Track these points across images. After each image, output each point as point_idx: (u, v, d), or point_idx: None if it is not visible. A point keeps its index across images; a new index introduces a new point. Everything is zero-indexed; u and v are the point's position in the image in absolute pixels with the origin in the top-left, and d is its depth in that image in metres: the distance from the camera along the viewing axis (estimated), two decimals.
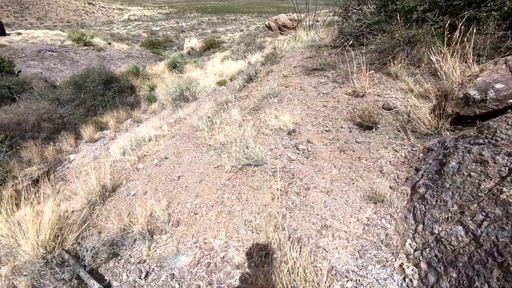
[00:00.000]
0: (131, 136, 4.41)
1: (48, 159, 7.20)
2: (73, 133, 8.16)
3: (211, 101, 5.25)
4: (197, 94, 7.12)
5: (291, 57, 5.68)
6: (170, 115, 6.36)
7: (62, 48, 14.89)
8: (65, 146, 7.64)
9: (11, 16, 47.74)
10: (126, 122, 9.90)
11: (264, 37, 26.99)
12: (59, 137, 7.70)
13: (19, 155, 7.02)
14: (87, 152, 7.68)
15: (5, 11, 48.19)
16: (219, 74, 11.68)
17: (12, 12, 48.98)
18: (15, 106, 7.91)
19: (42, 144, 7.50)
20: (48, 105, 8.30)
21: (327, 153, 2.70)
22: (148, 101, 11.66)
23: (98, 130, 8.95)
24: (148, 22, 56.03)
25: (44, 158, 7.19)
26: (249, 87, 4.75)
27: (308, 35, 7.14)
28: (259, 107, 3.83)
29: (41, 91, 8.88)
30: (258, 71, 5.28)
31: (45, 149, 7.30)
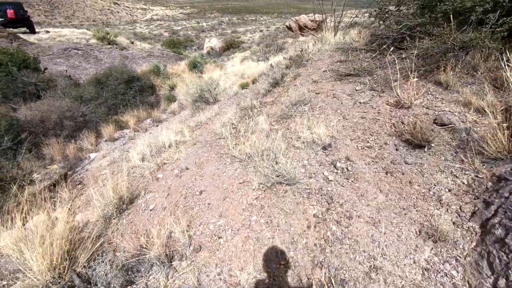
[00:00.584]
0: (150, 141, 4.19)
1: (69, 157, 7.17)
2: (94, 131, 8.11)
3: (233, 105, 4.96)
4: (218, 96, 6.86)
5: (319, 60, 5.30)
6: (191, 118, 6.13)
7: (87, 46, 15.09)
8: (86, 144, 7.59)
9: (42, 15, 49.58)
10: (145, 122, 9.82)
11: (285, 38, 26.56)
12: (80, 135, 7.66)
13: (41, 152, 7.02)
14: (107, 151, 7.60)
15: (36, 10, 50.10)
16: (239, 75, 11.41)
17: (43, 11, 50.87)
18: (39, 103, 7.93)
19: (64, 142, 7.49)
20: (71, 103, 8.29)
21: (371, 174, 2.33)
22: (168, 101, 11.56)
23: (118, 129, 8.88)
24: (170, 21, 56.77)
25: (65, 156, 7.16)
26: (275, 92, 4.42)
27: (336, 37, 6.72)
28: (288, 115, 3.49)
29: (64, 89, 8.91)
30: (284, 74, 4.94)
31: (66, 147, 7.28)
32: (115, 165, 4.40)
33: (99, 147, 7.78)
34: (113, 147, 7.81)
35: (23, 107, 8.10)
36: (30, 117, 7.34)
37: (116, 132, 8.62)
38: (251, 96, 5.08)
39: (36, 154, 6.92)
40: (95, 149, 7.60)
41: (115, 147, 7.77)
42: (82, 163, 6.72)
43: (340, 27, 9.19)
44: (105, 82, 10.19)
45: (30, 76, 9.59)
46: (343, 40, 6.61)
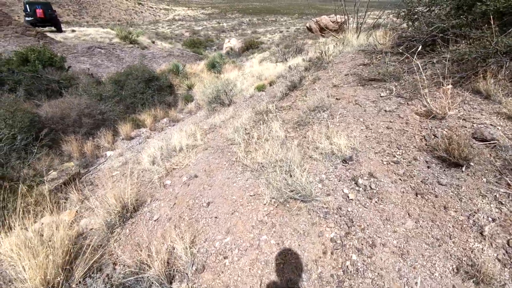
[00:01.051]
0: (162, 144, 4.05)
1: (86, 154, 7.22)
2: (111, 129, 8.15)
3: (248, 108, 4.75)
4: (234, 97, 6.68)
5: (340, 63, 4.99)
6: (205, 119, 5.98)
7: (110, 45, 15.39)
8: (103, 142, 7.63)
9: (71, 14, 51.54)
10: (162, 121, 9.81)
11: (304, 39, 26.13)
12: (98, 133, 7.72)
13: (60, 149, 7.11)
14: (123, 150, 7.60)
15: (66, 10, 52.13)
16: (257, 76, 11.21)
17: (72, 10, 52.87)
18: (60, 100, 8.06)
19: (82, 139, 7.56)
20: (90, 100, 8.38)
21: (398, 194, 2.04)
22: (185, 101, 11.54)
23: (135, 127, 8.91)
24: (191, 22, 57.50)
25: (83, 153, 7.21)
26: (293, 96, 4.16)
27: (358, 39, 6.37)
28: (306, 122, 3.24)
29: (85, 86, 9.04)
30: (302, 77, 4.67)
31: (84, 144, 7.33)
32: (126, 166, 4.30)
33: (115, 145, 7.80)
34: (129, 145, 7.81)
35: (45, 103, 8.28)
36: (51, 114, 7.46)
37: (133, 131, 8.64)
38: (267, 99, 4.85)
39: (55, 151, 7.02)
40: (112, 147, 7.62)
41: (131, 146, 7.77)
42: (97, 161, 6.73)
43: (362, 28, 8.80)
44: (125, 81, 10.27)
45: (54, 74, 9.82)
46: (366, 42, 6.26)
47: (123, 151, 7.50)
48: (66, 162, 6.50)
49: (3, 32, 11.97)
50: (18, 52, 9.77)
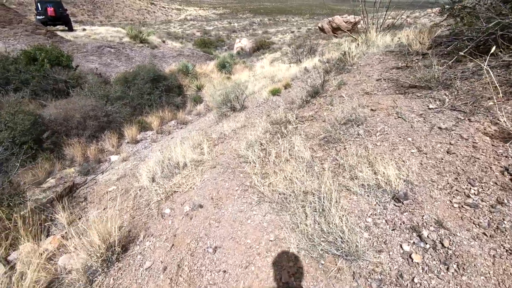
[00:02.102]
0: (163, 156, 3.48)
1: (89, 158, 6.76)
2: (116, 132, 7.68)
3: (263, 116, 4.14)
4: (246, 101, 6.08)
5: (367, 65, 4.33)
6: (214, 125, 5.40)
7: (120, 44, 15.00)
8: (108, 145, 7.16)
9: (85, 14, 51.88)
10: (170, 124, 9.30)
11: (317, 39, 25.31)
12: (102, 136, 7.25)
13: (62, 152, 6.67)
14: (127, 154, 7.11)
15: (80, 10, 52.50)
16: (269, 78, 10.58)
17: (86, 10, 53.23)
18: (64, 101, 7.62)
19: (85, 142, 7.11)
20: (96, 102, 7.92)
21: (487, 260, 1.40)
22: (194, 102, 11.01)
23: (142, 130, 8.42)
24: (203, 22, 57.21)
25: (86, 157, 6.75)
26: (315, 104, 3.53)
27: (383, 39, 5.67)
28: (335, 138, 2.60)
29: (91, 87, 8.59)
30: (325, 81, 4.03)
31: (88, 147, 6.87)
32: (124, 180, 3.75)
33: (120, 149, 7.32)
34: (134, 149, 7.32)
35: (51, 104, 7.87)
36: (55, 116, 7.01)
37: (139, 134, 8.15)
38: (284, 106, 4.22)
39: (57, 154, 6.57)
40: (116, 151, 7.14)
41: (136, 150, 7.28)
42: (98, 169, 6.25)
43: (381, 28, 8.08)
44: (132, 81, 9.80)
45: (61, 73, 9.42)
46: (394, 42, 5.56)
47: (128, 155, 7.01)
48: (66, 168, 6.04)
49: (13, 31, 11.67)
50: (26, 51, 9.40)
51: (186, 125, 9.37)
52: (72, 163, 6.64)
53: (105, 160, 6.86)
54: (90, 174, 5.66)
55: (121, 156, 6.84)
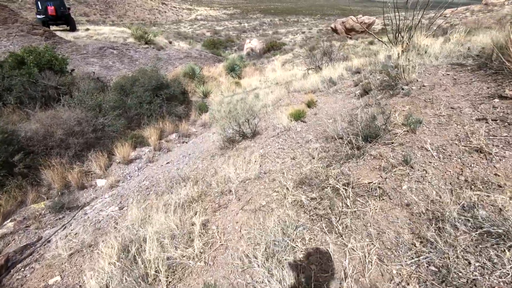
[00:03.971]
0: (132, 236, 2.19)
1: (71, 184, 5.59)
2: (106, 151, 6.49)
3: (286, 160, 2.82)
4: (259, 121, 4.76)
5: (435, 86, 2.95)
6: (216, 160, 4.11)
7: (124, 45, 13.86)
8: (95, 167, 5.97)
9: (97, 13, 51.36)
10: (170, 137, 8.06)
11: (330, 40, 23.73)
12: (89, 155, 6.06)
13: (39, 177, 5.51)
14: (117, 177, 5.92)
15: (93, 9, 52.03)
16: (283, 86, 9.23)
17: (98, 10, 52.73)
18: (48, 113, 6.44)
19: (68, 164, 5.94)
20: (85, 113, 6.72)
21: None
22: (199, 110, 9.75)
23: (138, 145, 7.20)
24: (213, 22, 56.03)
25: (66, 183, 5.59)
26: (375, 158, 2.15)
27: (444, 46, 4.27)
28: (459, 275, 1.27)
29: (83, 95, 7.40)
30: (387, 116, 2.64)
31: (70, 170, 5.70)
32: (79, 259, 2.48)
33: (109, 171, 6.12)
34: (125, 171, 6.11)
35: (36, 114, 6.73)
36: (32, 133, 5.84)
37: (133, 151, 6.94)
38: (316, 144, 2.88)
39: (32, 180, 5.41)
40: (105, 174, 5.95)
41: (127, 173, 6.07)
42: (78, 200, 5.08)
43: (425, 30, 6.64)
44: (131, 88, 8.59)
45: (51, 79, 8.28)
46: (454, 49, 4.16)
47: (118, 179, 5.81)
48: (32, 205, 4.86)
49: (6, 31, 10.61)
50: (14, 54, 8.28)
51: (189, 138, 8.13)
52: (49, 190, 5.47)
53: (90, 185, 5.68)
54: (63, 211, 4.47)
55: (109, 180, 5.65)
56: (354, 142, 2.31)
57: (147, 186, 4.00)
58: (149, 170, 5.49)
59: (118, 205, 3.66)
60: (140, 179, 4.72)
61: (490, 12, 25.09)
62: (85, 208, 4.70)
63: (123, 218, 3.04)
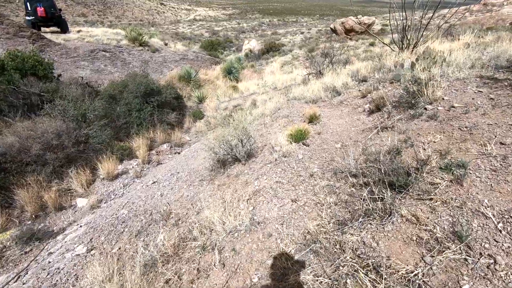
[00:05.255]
0: None
1: (47, 206, 5.01)
2: (89, 165, 5.91)
3: (286, 201, 2.24)
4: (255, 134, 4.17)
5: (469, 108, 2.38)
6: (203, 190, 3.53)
7: (117, 48, 13.22)
8: (75, 184, 5.38)
9: (96, 14, 50.61)
10: (162, 147, 7.47)
11: (330, 41, 23.10)
12: (70, 171, 5.47)
13: (11, 198, 4.93)
14: (101, 196, 5.35)
15: (91, 10, 51.30)
16: (283, 92, 8.63)
17: (96, 10, 51.98)
18: (25, 124, 5.84)
19: (46, 181, 5.36)
20: (67, 124, 6.12)
21: None
22: (193, 117, 9.16)
23: (126, 157, 6.61)
24: (212, 22, 55.32)
25: (42, 204, 5.02)
26: (409, 220, 1.56)
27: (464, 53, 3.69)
28: None
29: (64, 104, 6.78)
30: (422, 163, 2.04)
31: (47, 189, 5.13)
32: None
33: (92, 189, 5.53)
34: (110, 189, 5.53)
35: (17, 123, 6.13)
36: (5, 148, 5.24)
37: (120, 164, 6.35)
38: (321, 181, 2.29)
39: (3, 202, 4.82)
40: (86, 193, 5.36)
41: (112, 191, 5.50)
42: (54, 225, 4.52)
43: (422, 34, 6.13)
44: (120, 95, 7.99)
45: (34, 85, 7.67)
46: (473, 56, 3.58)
47: (100, 199, 5.23)
48: (16, 221, 4.30)
49: None
50: None
51: (183, 148, 7.54)
52: (22, 213, 4.88)
53: (70, 205, 5.08)
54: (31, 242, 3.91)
55: (91, 199, 5.08)
56: (374, 188, 1.72)
57: (123, 219, 3.41)
58: (133, 191, 4.90)
59: (87, 245, 3.07)
60: (120, 204, 4.13)
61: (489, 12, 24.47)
62: (57, 238, 4.12)
63: (87, 268, 2.46)
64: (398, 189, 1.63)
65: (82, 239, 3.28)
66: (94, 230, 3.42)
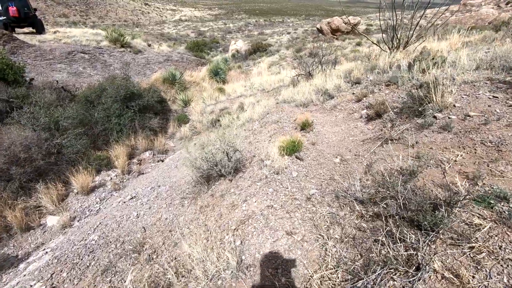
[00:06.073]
0: None
1: (12, 226, 4.46)
2: (61, 179, 5.36)
3: (279, 242, 1.84)
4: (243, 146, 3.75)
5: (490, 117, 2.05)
6: (186, 211, 3.09)
7: (96, 49, 12.47)
8: (45, 201, 4.81)
9: (77, 14, 48.76)
10: (144, 155, 6.92)
11: (317, 41, 22.89)
12: (39, 186, 4.90)
13: None
14: (74, 213, 4.83)
15: (73, 10, 49.40)
16: (272, 95, 8.23)
17: (78, 11, 50.10)
18: None
19: (12, 198, 4.79)
20: (37, 134, 5.52)
21: None
22: (178, 122, 8.63)
23: (104, 168, 6.05)
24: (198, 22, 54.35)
25: (7, 224, 4.46)
26: (447, 278, 1.18)
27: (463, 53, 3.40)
28: None
29: (34, 111, 6.15)
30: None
31: (13, 207, 4.57)
32: None
33: (65, 205, 4.98)
34: (84, 204, 4.99)
35: None
36: None
37: (98, 175, 5.80)
38: (321, 207, 1.91)
39: None
40: (58, 209, 4.79)
41: (87, 206, 4.97)
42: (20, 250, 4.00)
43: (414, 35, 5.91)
44: (98, 100, 7.39)
45: (2, 90, 6.99)
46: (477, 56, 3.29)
47: (73, 216, 4.71)
48: None
49: None
50: None
51: (167, 155, 7.03)
52: None
53: (38, 225, 4.52)
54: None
55: (62, 218, 4.52)
56: (391, 225, 1.34)
57: (92, 248, 2.93)
58: (109, 208, 4.39)
59: (46, 283, 2.57)
60: (92, 226, 3.62)
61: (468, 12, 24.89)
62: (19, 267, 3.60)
63: None
64: (425, 230, 1.26)
65: (42, 273, 2.78)
66: (58, 262, 2.91)
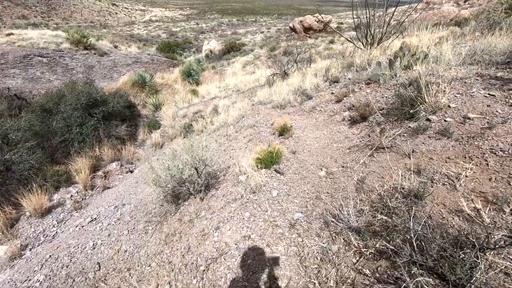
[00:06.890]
0: None
1: None
2: (11, 201, 4.63)
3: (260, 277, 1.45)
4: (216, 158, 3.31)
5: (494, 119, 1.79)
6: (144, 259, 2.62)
7: (56, 52, 11.37)
8: None
9: (39, 16, 45.35)
10: (110, 167, 6.23)
11: (290, 40, 22.78)
12: None
13: None
14: (26, 239, 4.17)
15: (33, 12, 45.90)
16: (245, 92, 7.83)
17: (39, 12, 46.63)
18: None
19: None
20: None
21: None
22: (149, 128, 7.99)
23: (63, 184, 5.35)
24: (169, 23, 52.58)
25: None
26: None
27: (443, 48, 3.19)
28: None
29: None
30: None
31: None
32: None
33: (15, 230, 4.28)
34: (39, 229, 4.31)
35: None
36: None
37: (55, 194, 5.10)
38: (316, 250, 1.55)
39: None
40: (6, 236, 4.10)
41: (41, 230, 4.30)
42: None
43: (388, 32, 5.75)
44: (56, 109, 6.60)
45: None
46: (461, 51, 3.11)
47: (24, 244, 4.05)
48: None
49: None
50: None
51: (136, 165, 6.39)
52: None
53: None
54: None
55: (11, 247, 3.83)
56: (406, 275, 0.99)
57: None
58: (66, 233, 3.78)
59: None
60: (41, 261, 3.03)
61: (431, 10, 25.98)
62: None
63: None
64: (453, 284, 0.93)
65: None
66: None
